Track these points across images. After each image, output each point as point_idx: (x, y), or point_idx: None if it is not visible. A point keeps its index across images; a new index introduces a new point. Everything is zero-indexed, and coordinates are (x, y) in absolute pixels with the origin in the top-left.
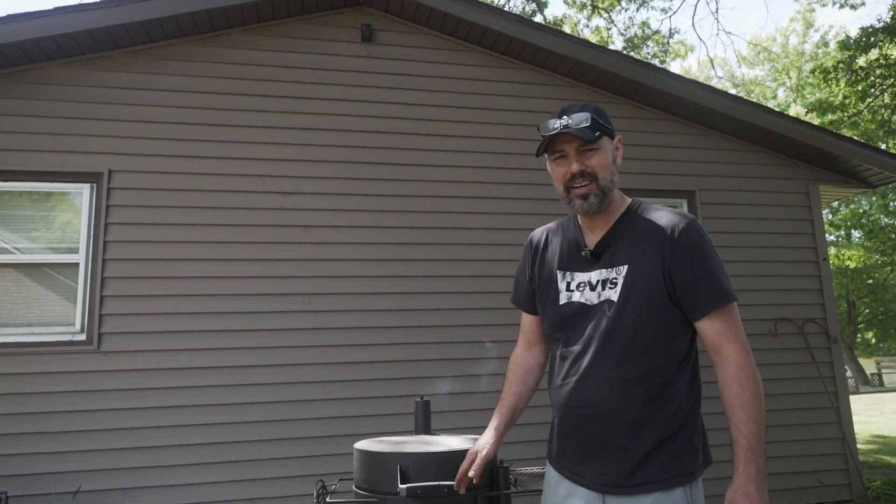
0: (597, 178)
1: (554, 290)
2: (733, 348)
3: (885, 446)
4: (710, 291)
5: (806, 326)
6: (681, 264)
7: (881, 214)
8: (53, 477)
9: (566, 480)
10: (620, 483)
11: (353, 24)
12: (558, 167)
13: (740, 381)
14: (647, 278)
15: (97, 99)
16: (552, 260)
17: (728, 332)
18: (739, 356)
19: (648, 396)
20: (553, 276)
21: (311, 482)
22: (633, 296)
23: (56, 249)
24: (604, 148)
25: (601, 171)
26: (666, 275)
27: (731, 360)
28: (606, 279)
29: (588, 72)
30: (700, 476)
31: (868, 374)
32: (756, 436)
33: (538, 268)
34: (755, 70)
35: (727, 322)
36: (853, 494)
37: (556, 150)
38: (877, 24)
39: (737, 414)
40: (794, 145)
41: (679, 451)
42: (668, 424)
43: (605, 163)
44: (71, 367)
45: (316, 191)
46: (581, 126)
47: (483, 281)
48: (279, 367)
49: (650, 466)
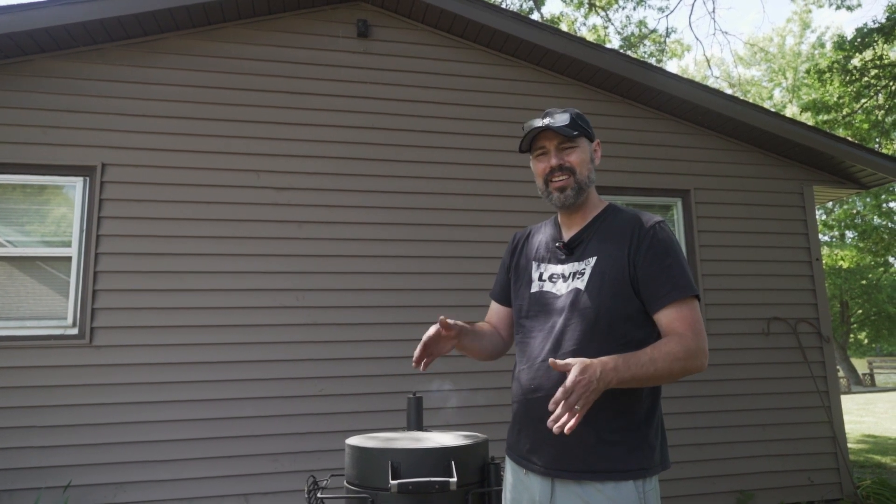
0: (574, 172)
1: (527, 278)
2: (685, 330)
3: (875, 446)
4: (670, 283)
5: (798, 326)
6: (645, 256)
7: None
8: (44, 471)
9: (520, 469)
10: (572, 467)
11: (349, 19)
12: (539, 162)
13: (673, 344)
14: (612, 268)
15: (91, 92)
16: (530, 253)
17: (685, 321)
18: (687, 336)
19: None
20: (528, 267)
21: (303, 478)
22: (597, 283)
23: (49, 243)
24: (582, 146)
25: (579, 166)
26: (630, 265)
27: (681, 334)
28: (576, 271)
29: (584, 70)
30: (655, 475)
31: (860, 375)
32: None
33: (516, 259)
34: (752, 70)
35: (685, 313)
36: (843, 493)
37: (537, 146)
38: (872, 25)
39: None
40: (788, 145)
41: (634, 446)
42: (624, 416)
43: (582, 160)
44: (63, 362)
45: (310, 186)
46: (561, 124)
47: (476, 278)
48: (272, 362)
49: (603, 456)
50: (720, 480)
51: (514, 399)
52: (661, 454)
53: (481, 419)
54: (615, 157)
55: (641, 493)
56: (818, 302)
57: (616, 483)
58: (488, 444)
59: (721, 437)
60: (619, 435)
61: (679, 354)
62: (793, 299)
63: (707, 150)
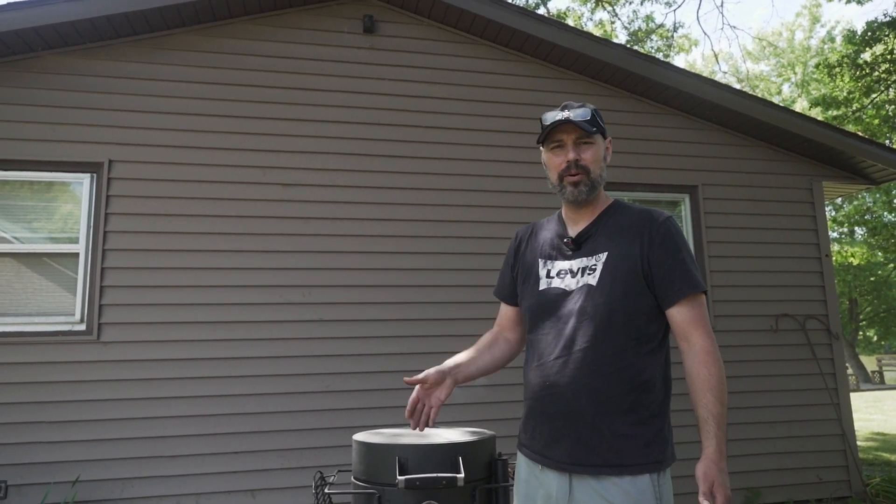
0: (588, 171)
1: (535, 277)
2: (700, 335)
3: (885, 444)
4: (682, 280)
5: (807, 323)
6: (658, 252)
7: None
8: (52, 466)
9: (536, 466)
10: (589, 462)
11: (355, 14)
12: (555, 156)
13: (707, 365)
14: (625, 263)
15: (97, 88)
16: (535, 250)
17: (696, 320)
18: (706, 342)
19: (620, 377)
20: (535, 265)
21: (310, 474)
22: (610, 279)
23: (56, 239)
24: (598, 143)
25: (593, 164)
26: (644, 261)
27: (699, 346)
28: (586, 266)
29: (591, 65)
30: (668, 468)
31: (869, 372)
32: (723, 416)
33: (521, 257)
34: (760, 65)
35: (696, 310)
36: (852, 491)
37: (554, 139)
38: (882, 19)
39: (706, 396)
40: (797, 141)
41: (650, 440)
42: (640, 410)
43: (597, 157)
44: (70, 357)
45: (316, 183)
46: (582, 119)
47: (484, 274)
48: (278, 358)
49: (620, 450)
50: (728, 477)
51: (528, 396)
52: (672, 447)
53: (489, 416)
54: (622, 152)
55: (657, 487)
56: (827, 298)
57: (633, 477)
58: (496, 440)
59: (729, 433)
60: (635, 429)
61: (717, 373)
62: (802, 296)
63: (715, 145)
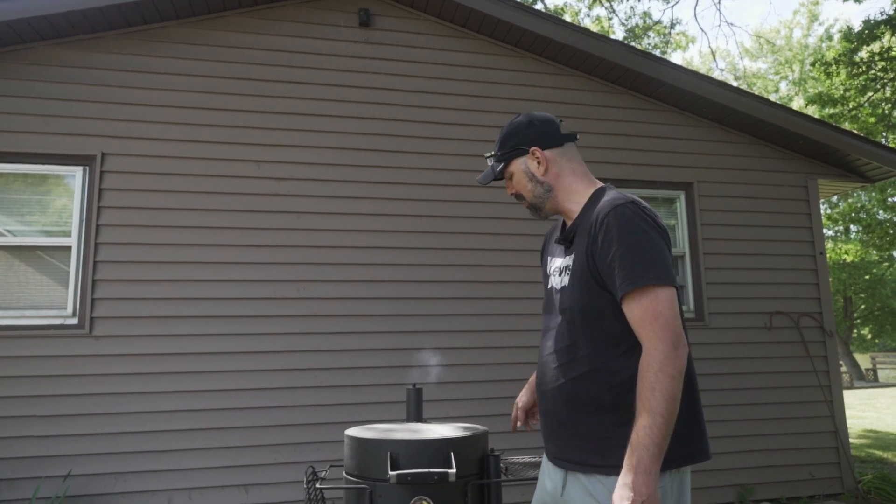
0: (524, 198)
1: (545, 275)
2: (647, 335)
3: (877, 441)
4: (622, 274)
5: (801, 320)
6: (599, 249)
7: (879, 209)
8: (44, 461)
9: (545, 457)
10: (575, 460)
11: (351, 8)
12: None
13: (643, 371)
14: (579, 263)
15: (90, 81)
16: (548, 248)
17: (644, 318)
18: (650, 345)
19: (594, 379)
20: (546, 263)
21: (302, 468)
22: (572, 280)
23: (48, 233)
24: (517, 172)
25: (523, 192)
26: (590, 259)
27: (645, 349)
28: (567, 266)
29: (587, 61)
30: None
31: (863, 370)
32: (646, 428)
33: (544, 255)
34: (758, 63)
35: (644, 307)
36: (844, 488)
37: None
38: (879, 17)
39: (639, 404)
40: (793, 138)
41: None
42: (619, 411)
43: (522, 184)
44: (62, 351)
45: (311, 177)
46: (483, 179)
47: (477, 270)
48: (271, 353)
49: (600, 451)
50: (721, 474)
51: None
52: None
53: (481, 411)
54: (617, 149)
55: None
56: (821, 296)
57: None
58: (488, 435)
59: (722, 430)
60: (615, 429)
61: (651, 380)
62: (796, 293)
63: (711, 142)
